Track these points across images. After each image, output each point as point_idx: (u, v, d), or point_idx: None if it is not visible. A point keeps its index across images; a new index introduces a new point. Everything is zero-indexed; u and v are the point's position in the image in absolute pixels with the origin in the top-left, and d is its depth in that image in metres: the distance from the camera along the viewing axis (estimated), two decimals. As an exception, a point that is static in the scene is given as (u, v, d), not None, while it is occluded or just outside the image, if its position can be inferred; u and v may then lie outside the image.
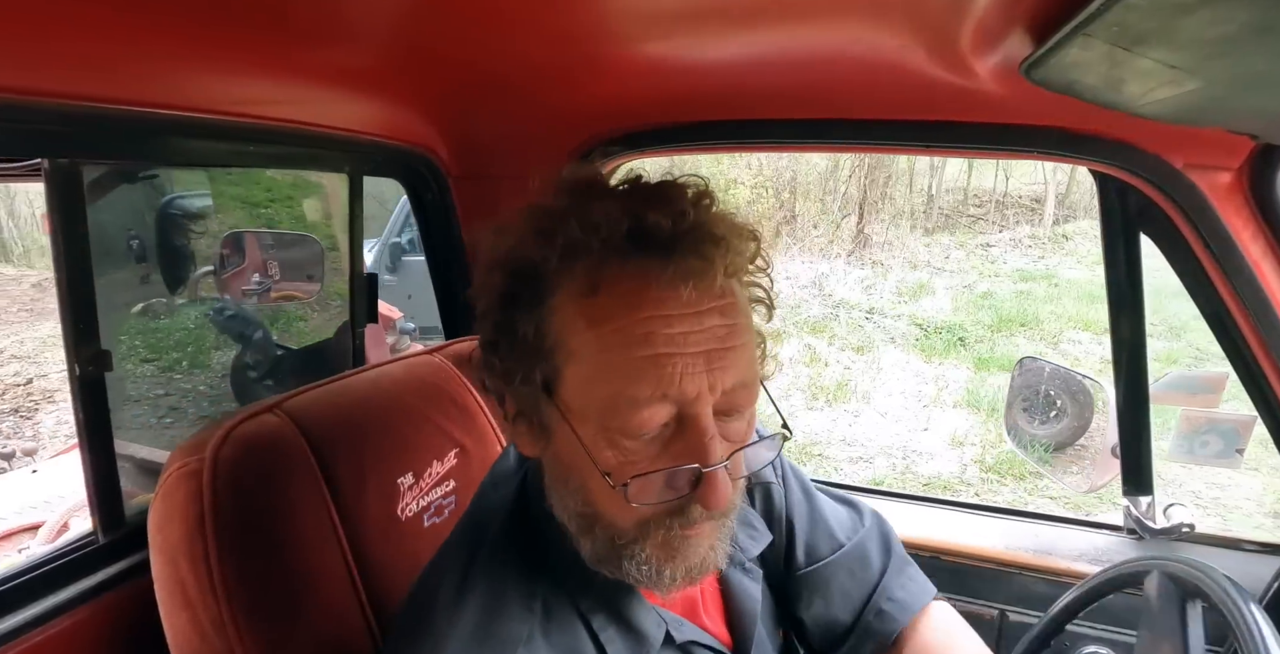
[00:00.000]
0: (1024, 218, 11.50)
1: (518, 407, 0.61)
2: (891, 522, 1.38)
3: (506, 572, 0.62)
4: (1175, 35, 0.53)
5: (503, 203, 1.40)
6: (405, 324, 3.86)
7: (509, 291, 0.58)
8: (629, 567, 0.59)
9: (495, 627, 0.59)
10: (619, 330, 0.53)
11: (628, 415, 0.54)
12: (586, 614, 0.63)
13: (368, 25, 0.87)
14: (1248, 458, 1.04)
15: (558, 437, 0.58)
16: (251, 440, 0.78)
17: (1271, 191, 0.98)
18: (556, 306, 0.56)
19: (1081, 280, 8.65)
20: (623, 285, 0.54)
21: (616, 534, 0.58)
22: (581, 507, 0.59)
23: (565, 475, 0.60)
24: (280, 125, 1.01)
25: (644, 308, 0.53)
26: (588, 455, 0.55)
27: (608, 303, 0.54)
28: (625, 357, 0.53)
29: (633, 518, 0.57)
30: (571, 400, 0.56)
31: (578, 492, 0.59)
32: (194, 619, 0.73)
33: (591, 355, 0.54)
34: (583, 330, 0.55)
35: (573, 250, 0.55)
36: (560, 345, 0.56)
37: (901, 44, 0.84)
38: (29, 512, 2.06)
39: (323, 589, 0.80)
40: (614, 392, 0.54)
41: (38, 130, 0.75)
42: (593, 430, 0.55)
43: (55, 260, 0.84)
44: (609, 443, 0.55)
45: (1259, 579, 1.17)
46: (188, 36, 0.81)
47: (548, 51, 0.97)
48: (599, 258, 0.54)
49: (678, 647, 0.67)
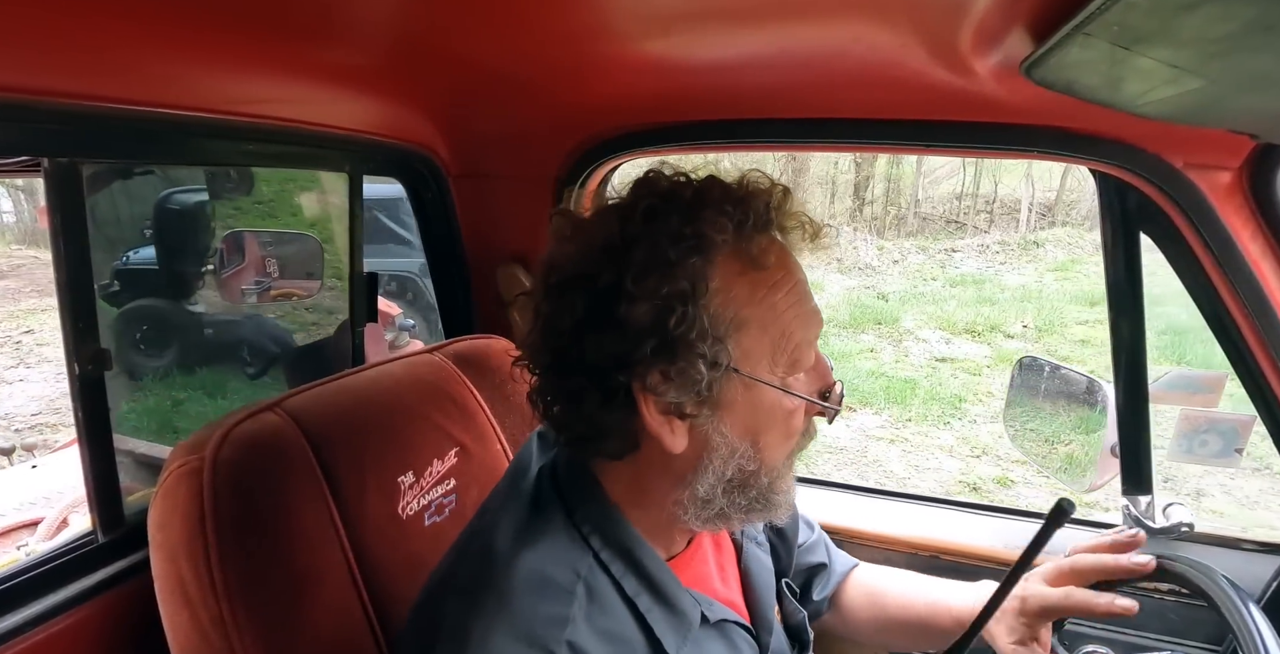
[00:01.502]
0: (1012, 223, 11.59)
1: (674, 402, 0.62)
2: (891, 522, 1.40)
3: (552, 553, 0.65)
4: (1176, 34, 0.53)
5: (502, 202, 1.40)
6: (404, 321, 3.86)
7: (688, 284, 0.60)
8: (777, 499, 0.69)
9: (543, 608, 0.61)
10: (791, 291, 0.65)
11: (807, 355, 0.67)
12: (631, 596, 0.66)
13: (367, 24, 0.87)
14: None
15: (738, 406, 0.65)
16: (252, 439, 0.79)
17: (1272, 191, 0.97)
18: (721, 288, 0.62)
19: (1014, 285, 9.13)
20: (775, 255, 0.65)
21: (775, 476, 0.68)
22: (749, 464, 0.66)
23: (736, 444, 0.65)
24: (280, 124, 1.01)
25: (796, 271, 0.67)
26: (794, 396, 0.66)
27: (776, 271, 0.65)
28: (800, 310, 0.65)
29: (787, 452, 0.69)
30: (758, 364, 0.64)
31: (748, 453, 0.66)
32: (194, 618, 0.73)
33: (775, 318, 0.64)
34: (763, 299, 0.64)
35: (742, 226, 0.63)
36: (743, 319, 0.63)
37: (901, 44, 0.84)
38: (28, 507, 2.07)
39: (323, 587, 0.80)
40: (800, 340, 0.65)
41: (38, 130, 0.75)
42: (780, 380, 0.65)
43: (55, 259, 0.84)
44: (789, 388, 0.66)
45: (1259, 579, 1.17)
46: (187, 36, 0.81)
47: (548, 50, 0.96)
48: (753, 233, 0.64)
49: (712, 625, 0.72)
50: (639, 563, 0.67)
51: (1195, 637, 1.18)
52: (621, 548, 0.67)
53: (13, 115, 0.70)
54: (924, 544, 1.34)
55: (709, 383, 0.61)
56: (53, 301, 0.87)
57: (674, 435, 0.63)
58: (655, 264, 0.60)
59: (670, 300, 0.59)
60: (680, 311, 0.59)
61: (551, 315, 0.64)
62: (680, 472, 0.66)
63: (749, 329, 0.63)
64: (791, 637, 0.87)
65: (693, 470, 0.66)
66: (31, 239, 10.13)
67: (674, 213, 0.62)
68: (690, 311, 0.60)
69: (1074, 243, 10.89)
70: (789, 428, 0.68)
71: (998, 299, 8.47)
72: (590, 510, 0.68)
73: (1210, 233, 1.00)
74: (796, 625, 0.88)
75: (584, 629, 0.61)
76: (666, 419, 0.63)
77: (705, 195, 0.64)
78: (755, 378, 0.64)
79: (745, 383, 0.64)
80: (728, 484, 0.66)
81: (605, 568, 0.66)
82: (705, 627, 0.70)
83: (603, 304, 0.60)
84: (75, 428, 0.90)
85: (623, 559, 0.66)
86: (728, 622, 0.74)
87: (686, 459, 0.65)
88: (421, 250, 1.51)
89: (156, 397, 2.39)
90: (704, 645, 0.69)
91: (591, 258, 0.62)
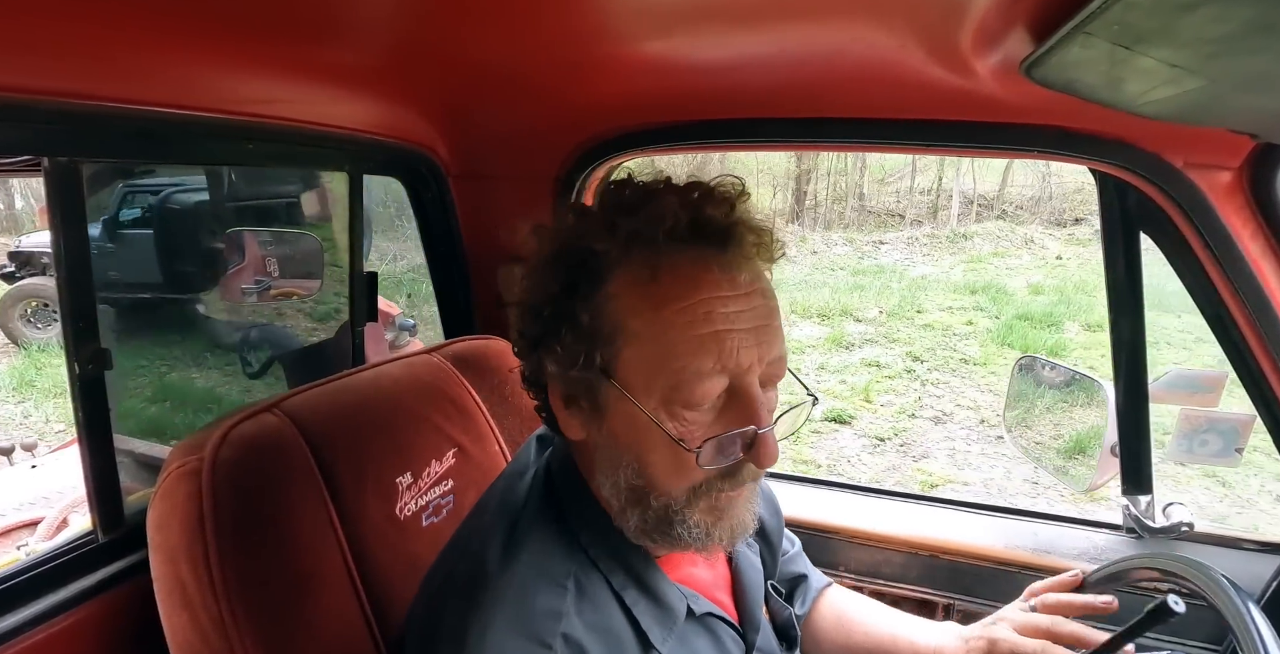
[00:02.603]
0: (961, 217, 11.83)
1: (568, 392, 0.66)
2: (890, 521, 1.40)
3: (544, 549, 0.66)
4: (1176, 34, 0.53)
5: (503, 202, 1.40)
6: (405, 320, 3.86)
7: (567, 283, 0.63)
8: (680, 531, 0.64)
9: (538, 602, 0.62)
10: (682, 310, 0.59)
11: (693, 387, 0.60)
12: (619, 590, 0.67)
13: (368, 24, 0.87)
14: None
15: (614, 415, 0.63)
16: (251, 440, 0.79)
17: (1272, 191, 0.97)
18: (614, 293, 0.61)
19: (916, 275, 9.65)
20: (682, 270, 0.61)
21: (670, 502, 0.64)
22: (634, 479, 0.64)
23: (619, 452, 0.64)
24: (280, 124, 1.01)
25: (703, 290, 0.60)
26: (656, 427, 0.60)
27: (670, 286, 0.60)
28: (689, 334, 0.59)
29: (686, 485, 0.63)
30: (633, 378, 0.61)
31: (631, 466, 0.64)
32: (194, 618, 0.73)
33: (655, 335, 0.60)
34: (645, 312, 0.60)
35: (635, 240, 0.62)
36: (620, 328, 0.61)
37: (901, 43, 0.84)
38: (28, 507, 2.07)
39: (322, 588, 0.80)
40: (680, 366, 0.59)
41: (38, 130, 0.75)
42: (655, 404, 0.61)
43: (55, 259, 0.84)
44: (670, 415, 0.61)
45: (1259, 578, 1.17)
46: (187, 35, 0.80)
47: (548, 50, 0.96)
48: (660, 246, 0.61)
49: (697, 619, 0.72)
50: (625, 559, 0.68)
51: (1195, 637, 1.18)
52: (608, 544, 0.68)
53: (13, 115, 0.70)
54: (924, 544, 1.34)
55: (585, 381, 0.63)
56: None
57: (569, 424, 0.67)
58: (552, 259, 0.65)
59: (550, 291, 0.64)
60: (555, 305, 0.63)
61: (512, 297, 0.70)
62: (590, 466, 0.69)
63: (629, 338, 0.61)
64: (780, 635, 0.88)
65: (596, 466, 0.68)
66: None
67: (585, 216, 0.67)
68: (567, 307, 0.63)
69: (1003, 236, 11.23)
70: (675, 461, 0.62)
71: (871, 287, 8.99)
72: (579, 508, 0.70)
73: (1210, 232, 1.00)
74: (784, 623, 0.89)
75: (577, 622, 0.62)
76: (563, 406, 0.66)
77: (610, 199, 0.65)
78: (626, 393, 0.61)
79: (618, 393, 0.62)
80: (627, 493, 0.65)
81: (594, 564, 0.67)
82: (691, 621, 0.71)
83: (526, 288, 0.67)
84: (75, 428, 0.90)
85: (611, 555, 0.68)
86: (713, 616, 0.75)
87: (588, 453, 0.68)
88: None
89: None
90: (689, 640, 0.70)
91: (536, 248, 0.68)
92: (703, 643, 0.72)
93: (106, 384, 0.90)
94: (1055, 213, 11.87)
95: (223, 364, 2.75)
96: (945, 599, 1.33)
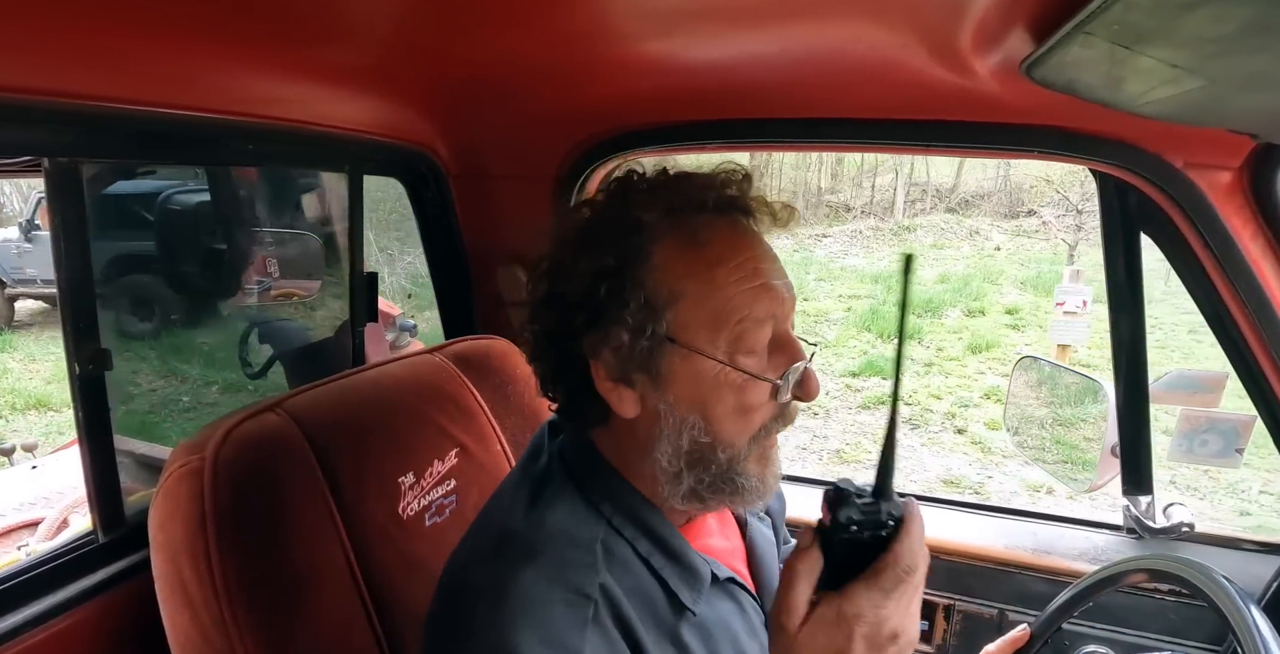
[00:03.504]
0: (913, 210, 12.14)
1: (621, 369, 0.67)
2: (891, 521, 1.39)
3: (570, 516, 0.68)
4: (1176, 34, 0.53)
5: (503, 202, 1.40)
6: (405, 321, 3.86)
7: (619, 258, 0.66)
8: (741, 482, 0.68)
9: (573, 557, 0.64)
10: (736, 267, 0.66)
11: (755, 333, 0.66)
12: (646, 556, 0.69)
13: (367, 24, 0.87)
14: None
15: (678, 379, 0.66)
16: (253, 439, 0.79)
17: (1272, 191, 0.97)
18: (661, 263, 0.66)
19: (841, 266, 10.19)
20: (725, 233, 0.67)
21: (733, 455, 0.68)
22: (701, 437, 0.67)
23: (684, 414, 0.67)
24: (280, 124, 1.01)
25: (744, 250, 0.67)
26: (732, 375, 0.65)
27: (718, 248, 0.66)
28: (742, 288, 0.65)
29: (749, 433, 0.68)
30: (697, 337, 0.65)
31: (698, 425, 0.67)
32: (195, 618, 0.73)
33: (712, 292, 0.65)
34: (699, 273, 0.65)
35: (676, 210, 0.67)
36: (677, 293, 0.65)
37: (902, 43, 0.84)
38: (29, 508, 2.07)
39: (324, 588, 0.80)
40: (742, 317, 0.65)
41: (38, 129, 0.75)
42: (723, 356, 0.65)
43: (55, 259, 0.84)
44: (734, 363, 0.66)
45: (1259, 579, 1.17)
46: (188, 36, 0.80)
47: (548, 50, 0.96)
48: (700, 215, 0.67)
49: (720, 584, 0.74)
50: (649, 526, 0.70)
51: (1195, 637, 1.18)
52: (632, 513, 0.70)
53: (13, 115, 0.70)
54: (924, 544, 1.34)
55: (645, 351, 0.65)
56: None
57: (623, 402, 0.68)
58: (589, 246, 0.67)
59: (598, 275, 0.65)
60: (608, 285, 0.65)
61: (530, 294, 0.72)
62: (644, 440, 0.69)
63: (685, 301, 0.65)
64: None
65: (651, 438, 0.69)
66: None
67: (615, 201, 0.70)
68: (616, 285, 0.65)
69: (948, 228, 11.45)
70: (743, 404, 0.67)
71: (851, 278, 9.48)
72: (598, 481, 0.71)
73: (1210, 233, 1.00)
74: None
75: (610, 578, 0.64)
76: (615, 386, 0.68)
77: (647, 184, 0.70)
78: (693, 348, 0.65)
79: (683, 354, 0.66)
80: (687, 457, 0.68)
81: (619, 532, 0.69)
82: (715, 586, 0.73)
83: (554, 282, 0.69)
84: (75, 428, 0.90)
85: (634, 524, 0.70)
86: (734, 583, 0.76)
87: (644, 426, 0.69)
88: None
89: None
90: (716, 604, 0.73)
91: (557, 245, 0.70)
92: (727, 607, 0.74)
93: (106, 384, 0.90)
94: (1010, 205, 12.04)
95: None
96: (945, 599, 1.33)
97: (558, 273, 0.69)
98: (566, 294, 0.67)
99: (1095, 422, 1.31)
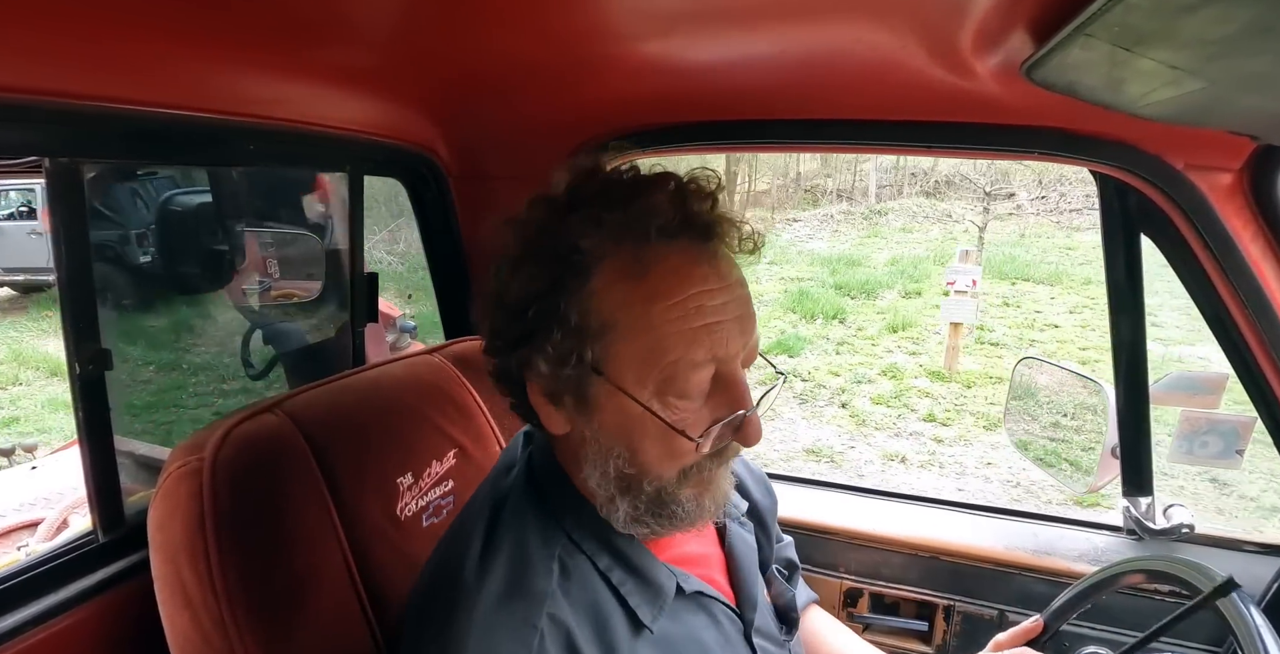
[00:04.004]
0: (887, 195, 12.15)
1: (552, 389, 0.65)
2: (890, 522, 1.40)
3: (527, 534, 0.67)
4: (1176, 35, 0.53)
5: (503, 203, 1.40)
6: (406, 322, 3.86)
7: (553, 279, 0.62)
8: (674, 509, 0.66)
9: (524, 583, 0.63)
10: (674, 305, 0.60)
11: (687, 377, 0.61)
12: (605, 571, 0.68)
13: (369, 25, 0.87)
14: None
15: (604, 409, 0.64)
16: (251, 440, 0.79)
17: (1272, 192, 0.97)
18: (601, 288, 0.61)
19: (810, 249, 10.46)
20: (670, 264, 0.61)
21: (663, 486, 0.65)
22: (626, 468, 0.65)
23: (608, 444, 0.65)
24: (281, 124, 1.01)
25: (693, 284, 0.61)
26: (652, 418, 0.62)
27: (660, 282, 0.61)
28: (681, 327, 0.60)
29: (678, 467, 0.65)
30: (624, 372, 0.62)
31: (622, 455, 0.64)
32: (195, 619, 0.73)
33: (647, 329, 0.61)
34: (636, 307, 0.61)
35: (623, 235, 0.61)
36: (610, 324, 0.61)
37: (902, 44, 0.84)
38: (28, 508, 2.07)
39: (323, 588, 0.80)
40: (674, 359, 0.61)
41: (38, 129, 0.75)
42: (648, 396, 0.62)
43: (55, 259, 0.84)
44: (664, 405, 0.62)
45: (1259, 579, 1.17)
46: (188, 36, 0.80)
47: (548, 51, 0.96)
48: (647, 240, 0.61)
49: (689, 597, 0.73)
50: (609, 540, 0.69)
51: (1195, 637, 1.18)
52: (593, 528, 0.69)
53: (13, 115, 0.70)
54: (924, 544, 1.34)
55: (572, 377, 0.63)
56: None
57: (551, 419, 0.67)
58: (529, 256, 0.64)
59: (532, 292, 0.62)
60: (539, 305, 0.62)
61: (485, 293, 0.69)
62: (577, 458, 0.68)
63: (616, 334, 0.61)
64: (780, 617, 0.88)
65: (581, 458, 0.68)
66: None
67: (562, 209, 0.64)
68: (548, 306, 0.62)
69: (920, 212, 11.55)
70: (670, 447, 0.64)
71: (815, 261, 9.79)
72: (560, 494, 0.70)
73: (1211, 234, 1.00)
74: (785, 605, 0.90)
75: (564, 603, 0.63)
76: (545, 402, 0.66)
77: (599, 197, 0.63)
78: (618, 386, 0.62)
79: (609, 389, 0.63)
80: (616, 482, 0.66)
81: (578, 545, 0.68)
82: (682, 598, 0.72)
83: (497, 285, 0.66)
84: (75, 428, 0.90)
85: (594, 537, 0.69)
86: (706, 596, 0.75)
87: (575, 446, 0.68)
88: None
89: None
90: (682, 617, 0.71)
91: (505, 246, 0.67)
92: (697, 621, 0.73)
93: (106, 384, 0.90)
94: (993, 189, 12.04)
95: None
96: (946, 600, 1.33)
97: (499, 278, 0.66)
98: (509, 302, 0.65)
99: (1095, 423, 1.31)
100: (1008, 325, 7.36)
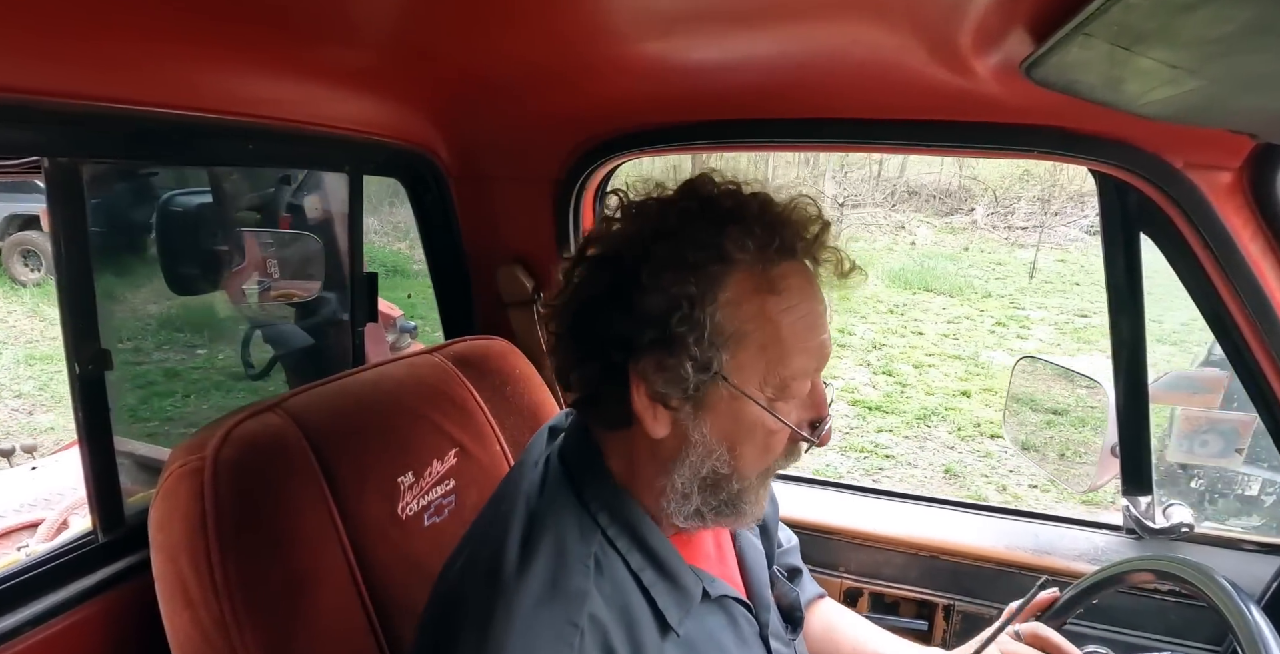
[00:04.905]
0: (849, 204, 12.22)
1: (663, 392, 0.66)
2: (890, 522, 1.40)
3: (565, 530, 0.67)
4: (1176, 35, 0.53)
5: (502, 203, 1.40)
6: (406, 322, 3.86)
7: (696, 287, 0.64)
8: (744, 507, 0.71)
9: (565, 581, 0.64)
10: (800, 319, 0.66)
11: (801, 385, 0.68)
12: (636, 571, 0.69)
13: (369, 25, 0.87)
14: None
15: (718, 412, 0.67)
16: (252, 439, 0.79)
17: (1272, 191, 0.97)
18: (732, 300, 0.65)
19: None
20: (795, 282, 0.67)
21: (744, 485, 0.70)
22: (722, 468, 0.68)
23: (711, 445, 0.68)
24: (281, 124, 1.01)
25: (812, 300, 0.68)
26: (768, 419, 0.67)
27: (789, 297, 0.66)
28: (806, 341, 0.67)
29: (762, 468, 0.71)
30: (746, 378, 0.66)
31: (723, 456, 0.68)
32: (195, 618, 0.73)
33: (777, 341, 0.66)
34: (769, 320, 0.65)
35: (766, 249, 0.65)
36: (743, 333, 0.65)
37: (901, 44, 0.84)
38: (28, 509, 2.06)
39: (324, 588, 0.80)
40: (795, 368, 0.67)
41: (38, 130, 0.75)
42: (765, 401, 0.67)
43: (55, 260, 0.84)
44: (773, 410, 0.67)
45: (1259, 579, 1.17)
46: (189, 36, 0.81)
47: (548, 52, 0.96)
48: (778, 258, 0.66)
49: (713, 600, 0.74)
50: (643, 539, 0.70)
51: (1195, 637, 1.18)
52: (627, 524, 0.70)
53: (13, 115, 0.70)
54: (924, 544, 1.34)
55: (696, 384, 0.65)
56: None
57: (656, 421, 0.67)
58: (673, 263, 0.64)
59: (678, 299, 0.63)
60: (683, 312, 0.63)
61: (580, 284, 0.70)
62: (664, 459, 0.69)
63: (747, 345, 0.65)
64: (785, 617, 0.89)
65: (673, 460, 0.69)
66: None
67: (705, 220, 0.66)
68: (693, 314, 0.63)
69: (873, 222, 11.78)
70: (767, 446, 0.69)
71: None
72: (597, 489, 0.71)
73: (1210, 233, 1.00)
74: (790, 605, 0.91)
75: (600, 603, 0.64)
76: (652, 405, 0.67)
77: (739, 211, 0.67)
78: (742, 391, 0.66)
79: (731, 393, 0.66)
80: (702, 481, 0.69)
81: (612, 543, 0.69)
82: (706, 602, 0.73)
83: (622, 287, 0.65)
84: (75, 428, 0.90)
85: (628, 535, 0.70)
86: (728, 598, 0.76)
87: (669, 447, 0.69)
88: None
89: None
90: (705, 620, 0.72)
91: (626, 242, 0.68)
92: (718, 623, 0.74)
93: (106, 385, 0.90)
94: (953, 202, 12.11)
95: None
96: (946, 600, 1.33)
97: (627, 276, 0.65)
98: (636, 304, 0.64)
99: (1095, 421, 1.32)
100: (875, 330, 7.31)
